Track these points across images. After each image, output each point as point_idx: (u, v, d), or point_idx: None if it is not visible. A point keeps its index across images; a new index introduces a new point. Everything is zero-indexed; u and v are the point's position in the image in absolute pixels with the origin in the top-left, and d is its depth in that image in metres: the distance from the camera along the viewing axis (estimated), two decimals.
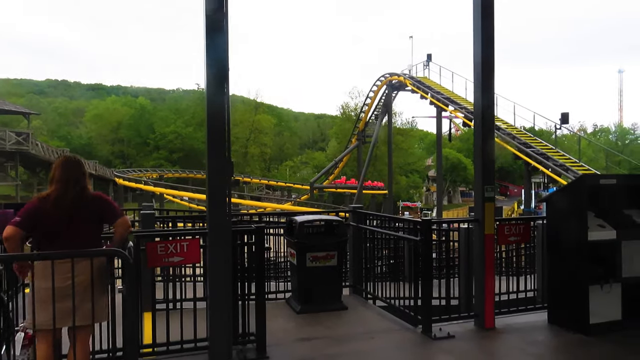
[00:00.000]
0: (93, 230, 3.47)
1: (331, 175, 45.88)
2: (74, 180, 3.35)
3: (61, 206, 3.27)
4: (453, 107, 27.52)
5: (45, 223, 3.25)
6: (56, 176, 3.34)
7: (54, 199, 3.27)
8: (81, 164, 3.50)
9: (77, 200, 3.33)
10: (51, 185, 3.34)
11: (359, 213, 6.61)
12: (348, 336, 4.94)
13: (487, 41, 5.21)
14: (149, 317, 4.28)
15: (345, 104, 59.91)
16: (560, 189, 5.69)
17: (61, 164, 3.41)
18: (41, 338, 3.24)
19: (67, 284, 3.19)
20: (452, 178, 65.78)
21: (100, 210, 3.46)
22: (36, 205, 3.27)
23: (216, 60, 4.01)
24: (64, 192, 3.30)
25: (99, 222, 3.51)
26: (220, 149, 4.05)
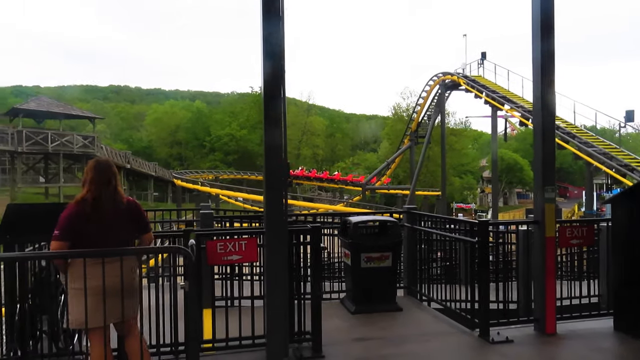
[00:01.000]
0: (129, 233, 3.52)
1: (383, 176, 45.51)
2: (106, 181, 3.38)
3: (99, 207, 3.32)
4: (509, 106, 26.64)
5: (85, 225, 3.29)
6: (89, 178, 3.37)
7: (92, 201, 3.31)
8: (112, 165, 3.54)
9: (112, 201, 3.38)
10: (85, 187, 3.38)
11: (413, 214, 6.54)
12: (403, 337, 4.92)
13: (547, 33, 5.02)
14: (209, 314, 4.42)
15: (397, 104, 59.34)
16: (629, 189, 5.40)
17: (93, 167, 3.44)
18: (94, 335, 3.33)
19: (117, 281, 3.28)
20: (508, 179, 63.58)
21: (138, 217, 3.54)
22: (73, 211, 3.31)
23: (273, 63, 4.09)
24: (99, 193, 3.33)
25: (135, 227, 3.55)
26: (277, 151, 4.13)
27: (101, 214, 3.32)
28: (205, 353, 4.27)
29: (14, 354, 3.90)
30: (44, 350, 3.99)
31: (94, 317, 3.24)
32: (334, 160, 68.00)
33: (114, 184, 3.42)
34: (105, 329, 3.30)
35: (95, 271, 3.22)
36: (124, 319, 3.39)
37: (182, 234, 4.37)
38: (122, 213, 3.44)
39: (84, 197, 3.33)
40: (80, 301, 3.21)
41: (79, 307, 3.23)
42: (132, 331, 3.48)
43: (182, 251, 3.42)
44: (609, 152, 21.34)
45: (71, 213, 3.29)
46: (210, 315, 4.37)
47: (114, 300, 3.29)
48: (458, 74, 33.46)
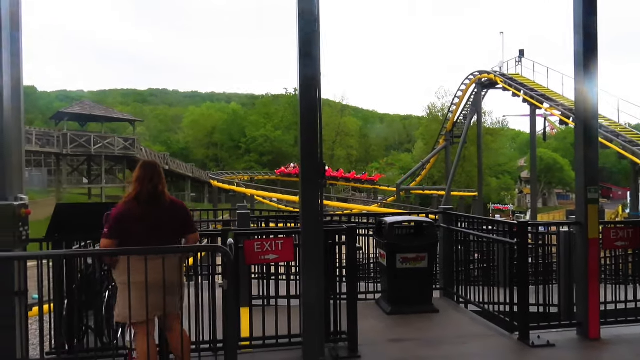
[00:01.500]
0: (174, 232, 3.62)
1: (418, 176, 45.04)
2: (153, 182, 3.51)
3: (146, 206, 3.46)
4: (548, 104, 25.90)
5: (133, 224, 3.43)
6: (137, 179, 3.52)
7: (139, 200, 3.46)
8: (158, 166, 3.67)
9: (158, 201, 3.50)
10: (132, 188, 3.53)
11: (449, 214, 6.47)
12: (440, 339, 4.87)
13: (589, 27, 4.87)
14: (246, 312, 4.50)
15: (432, 104, 58.57)
16: None
17: (141, 168, 3.59)
18: (139, 330, 3.46)
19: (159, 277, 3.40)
20: (548, 180, 61.86)
21: (183, 218, 3.66)
22: (121, 210, 3.45)
23: (309, 64, 4.11)
24: (146, 193, 3.48)
25: (180, 227, 3.64)
26: (313, 151, 4.17)
27: (148, 213, 3.46)
28: (243, 351, 4.34)
29: (62, 348, 4.08)
30: (90, 345, 4.15)
31: (138, 312, 3.37)
32: (367, 161, 67.76)
33: (161, 185, 3.55)
34: (149, 323, 3.42)
35: (140, 267, 3.35)
36: (165, 313, 3.50)
37: (220, 233, 4.45)
38: (168, 213, 3.56)
39: (132, 197, 3.48)
40: (126, 296, 3.36)
41: (124, 301, 3.39)
42: (174, 326, 3.59)
43: (221, 250, 3.50)
44: None
45: (120, 212, 3.44)
46: (247, 314, 4.44)
47: (157, 296, 3.41)
48: (495, 72, 32.78)
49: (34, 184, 33.60)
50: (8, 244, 3.65)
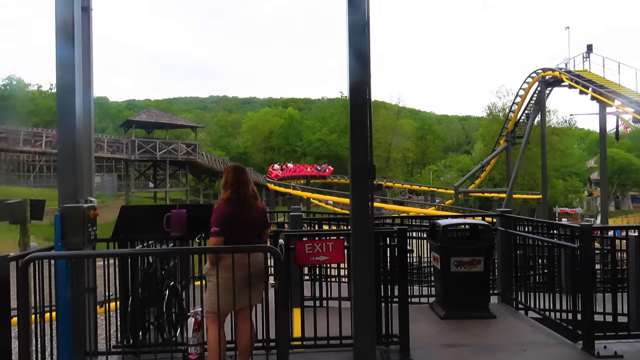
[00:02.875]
0: (261, 229, 3.94)
1: (477, 179, 43.74)
2: (245, 183, 3.83)
3: (242, 206, 3.75)
4: (620, 101, 24.40)
5: (233, 222, 3.71)
6: (230, 180, 3.81)
7: (236, 199, 3.75)
8: (245, 170, 4.01)
9: (253, 200, 3.84)
10: (227, 189, 3.81)
11: (507, 217, 6.23)
12: (497, 346, 4.71)
13: None
14: (298, 313, 4.55)
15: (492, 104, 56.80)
16: None
17: (232, 170, 3.90)
18: (212, 321, 3.66)
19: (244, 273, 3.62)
20: (621, 181, 58.19)
21: (265, 216, 4.03)
22: (225, 209, 3.73)
23: (358, 68, 4.13)
24: (242, 192, 3.78)
25: (263, 224, 3.99)
26: (362, 152, 4.16)
27: (245, 211, 3.77)
28: (294, 350, 4.40)
29: (127, 342, 4.30)
30: (151, 340, 4.35)
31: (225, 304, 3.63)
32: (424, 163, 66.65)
33: (251, 185, 3.90)
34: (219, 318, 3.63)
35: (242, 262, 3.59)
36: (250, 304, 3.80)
37: (272, 234, 4.54)
38: (259, 210, 3.92)
39: (229, 197, 3.78)
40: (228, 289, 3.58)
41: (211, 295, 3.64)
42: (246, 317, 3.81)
43: (273, 251, 3.58)
44: None
45: (223, 212, 3.72)
46: (299, 314, 4.49)
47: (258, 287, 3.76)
48: (560, 70, 31.32)
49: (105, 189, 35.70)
50: (78, 243, 3.92)
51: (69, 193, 4.04)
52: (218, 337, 3.59)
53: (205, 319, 3.75)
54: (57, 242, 3.94)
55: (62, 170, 4.14)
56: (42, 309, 3.81)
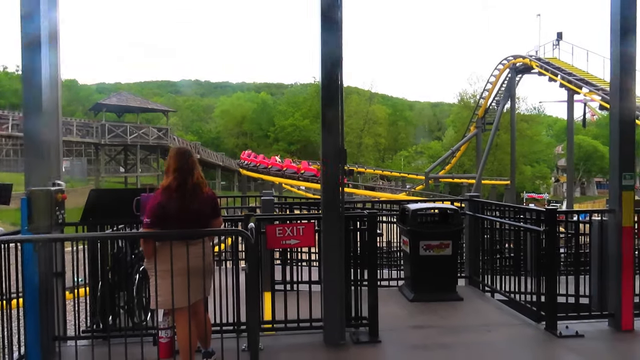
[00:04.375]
0: (208, 219, 3.61)
1: (448, 165, 44.39)
2: (190, 169, 3.50)
3: (184, 194, 3.43)
4: (587, 89, 25.01)
5: (171, 212, 3.39)
6: (173, 165, 3.48)
7: (176, 188, 3.42)
8: (193, 154, 3.66)
9: (197, 187, 3.50)
10: (169, 175, 3.49)
11: (475, 202, 6.37)
12: (463, 327, 4.83)
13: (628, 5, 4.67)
14: (269, 297, 4.56)
15: (463, 90, 57.46)
16: None
17: (176, 154, 3.56)
18: (179, 315, 3.49)
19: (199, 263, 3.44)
20: (587, 168, 59.92)
21: (214, 204, 3.67)
22: (160, 199, 3.41)
23: (329, 51, 4.14)
24: (183, 180, 3.45)
25: (212, 213, 3.66)
26: (333, 138, 4.17)
27: (186, 201, 3.44)
28: (265, 333, 4.42)
29: (96, 327, 4.24)
30: (122, 325, 4.30)
31: (180, 298, 3.38)
32: (396, 149, 67.18)
33: (197, 172, 3.55)
34: (189, 309, 3.45)
35: (180, 253, 3.35)
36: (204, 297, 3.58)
37: (243, 218, 4.51)
38: (204, 200, 3.57)
39: (169, 184, 3.45)
40: (168, 283, 3.32)
41: (167, 288, 3.34)
42: (199, 310, 3.66)
43: (242, 234, 3.53)
44: None
45: (159, 201, 3.41)
46: (270, 298, 4.51)
47: (197, 280, 3.46)
48: (530, 57, 31.83)
49: (74, 173, 34.77)
50: (45, 227, 3.84)
51: (36, 176, 3.94)
52: (188, 333, 3.44)
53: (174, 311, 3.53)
54: (24, 226, 3.85)
55: (28, 153, 4.03)
56: (8, 295, 3.72)
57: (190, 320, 3.45)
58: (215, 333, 3.87)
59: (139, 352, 3.35)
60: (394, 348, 4.27)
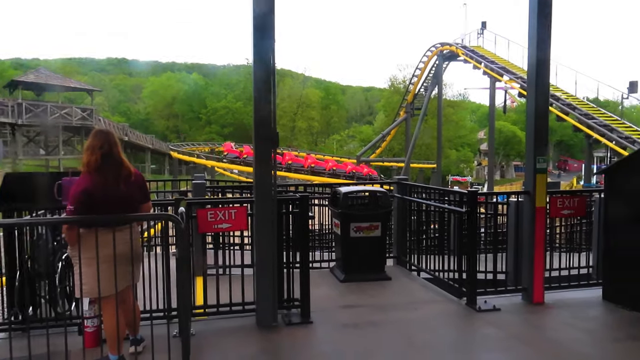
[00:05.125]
0: (138, 202, 3.50)
1: (378, 148, 45.47)
2: (109, 150, 3.34)
3: (107, 177, 3.28)
4: (508, 76, 26.43)
5: (98, 197, 3.23)
6: (92, 148, 3.31)
7: (97, 169, 3.27)
8: (113, 134, 3.49)
9: (120, 169, 3.36)
10: (90, 157, 3.29)
11: (403, 185, 6.58)
12: (391, 305, 5.03)
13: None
14: (201, 281, 4.51)
15: (393, 76, 58.75)
16: (623, 159, 5.40)
17: (95, 136, 3.38)
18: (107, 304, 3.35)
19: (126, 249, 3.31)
20: (506, 152, 63.56)
21: (142, 187, 3.55)
22: (84, 185, 3.24)
23: (263, 32, 4.09)
24: (105, 162, 3.29)
25: (141, 197, 3.54)
26: (266, 121, 4.15)
27: (112, 185, 3.30)
28: (197, 318, 4.37)
29: (15, 318, 4.00)
30: (43, 315, 4.09)
31: (107, 285, 3.23)
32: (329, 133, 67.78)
33: (118, 152, 3.39)
34: (117, 296, 3.30)
35: (107, 240, 3.20)
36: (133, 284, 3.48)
37: (173, 202, 4.40)
38: (132, 183, 3.42)
39: (90, 168, 3.28)
40: (94, 271, 3.17)
41: (93, 276, 3.19)
42: (127, 298, 3.56)
43: (172, 218, 3.44)
44: (610, 125, 21.05)
45: (84, 187, 3.23)
46: (202, 283, 4.45)
47: (125, 267, 3.34)
48: (456, 45, 33.06)
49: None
50: None
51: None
52: (116, 321, 3.29)
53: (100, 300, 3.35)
54: None
55: None
56: None
57: (117, 308, 3.32)
58: (145, 320, 3.79)
59: (63, 343, 3.21)
60: (325, 328, 4.37)
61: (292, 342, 4.09)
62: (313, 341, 4.15)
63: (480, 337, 4.39)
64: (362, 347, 3.99)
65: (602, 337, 4.40)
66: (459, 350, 4.07)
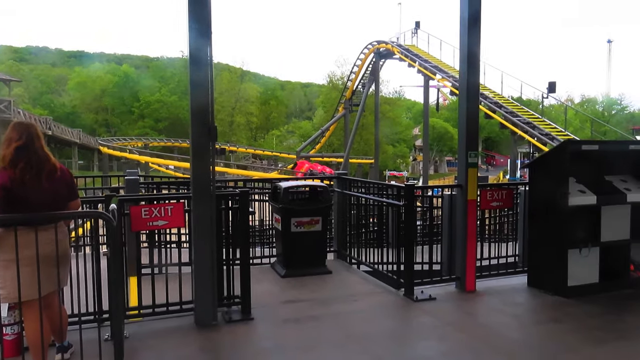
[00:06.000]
0: (63, 199, 3.30)
1: (318, 144, 45.74)
2: (30, 143, 3.15)
3: (27, 172, 3.08)
4: (441, 75, 27.34)
5: (18, 194, 3.05)
6: (11, 141, 3.12)
7: (16, 166, 3.06)
8: (34, 125, 3.30)
9: (42, 164, 3.16)
10: (8, 150, 3.10)
11: (343, 179, 6.64)
12: (332, 298, 5.06)
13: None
14: (135, 281, 4.32)
15: (332, 72, 59.25)
16: (543, 154, 5.75)
17: (14, 129, 3.18)
18: (28, 309, 3.12)
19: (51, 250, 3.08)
20: (439, 148, 66.00)
21: (69, 183, 3.35)
22: (2, 181, 3.03)
23: (199, 24, 3.96)
24: (32, 154, 3.12)
25: (68, 194, 3.34)
26: (203, 114, 4.03)
27: (34, 181, 3.09)
28: (130, 320, 4.18)
29: None
30: None
31: (29, 289, 2.99)
32: (268, 128, 67.37)
33: (40, 146, 3.18)
34: (40, 300, 3.05)
35: (28, 241, 2.97)
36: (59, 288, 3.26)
37: (104, 199, 4.17)
38: (56, 178, 3.21)
39: (8, 163, 3.06)
40: (13, 274, 2.94)
41: (12, 280, 2.97)
42: (52, 302, 3.33)
43: (103, 216, 3.24)
44: (532, 122, 22.41)
45: (2, 183, 3.01)
46: (135, 283, 4.26)
47: (49, 270, 3.10)
48: (392, 43, 33.77)
49: None
50: None
51: None
52: (40, 328, 3.03)
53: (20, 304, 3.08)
54: None
55: None
56: None
57: (41, 313, 3.07)
58: (73, 325, 3.56)
59: None
60: (266, 324, 4.33)
61: (232, 340, 4.01)
62: (254, 338, 4.09)
63: (417, 326, 4.52)
64: (303, 341, 3.99)
65: (528, 321, 4.67)
66: (396, 340, 4.16)
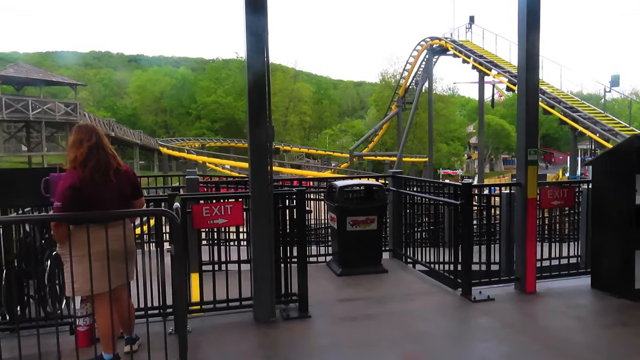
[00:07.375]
0: (128, 197, 3.45)
1: (371, 143, 45.52)
2: (96, 144, 3.29)
3: (96, 172, 3.23)
4: (496, 71, 26.52)
5: (87, 193, 3.19)
6: (77, 143, 3.26)
7: (86, 166, 3.21)
8: (97, 127, 3.44)
9: (108, 164, 3.30)
10: (76, 151, 3.25)
11: (398, 178, 6.59)
12: (388, 297, 5.04)
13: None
14: (196, 277, 4.47)
15: (384, 70, 58.79)
16: (608, 151, 5.48)
17: (78, 131, 3.32)
18: (100, 302, 3.30)
19: (119, 245, 3.27)
20: (495, 145, 63.96)
21: (133, 182, 3.50)
22: (71, 181, 3.18)
23: (256, 27, 4.04)
24: (92, 157, 3.24)
25: (132, 192, 3.50)
26: (261, 115, 4.12)
27: (101, 181, 3.25)
28: (193, 315, 4.34)
29: (2, 319, 3.93)
30: (32, 315, 4.02)
31: (100, 283, 3.16)
32: (321, 128, 67.71)
33: (105, 146, 3.34)
34: (110, 294, 3.23)
35: (100, 236, 3.13)
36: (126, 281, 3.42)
37: (167, 198, 4.35)
38: (123, 178, 3.38)
39: (77, 163, 3.22)
40: (85, 268, 3.10)
41: (84, 274, 3.13)
42: (121, 296, 3.51)
43: (167, 214, 3.37)
44: (593, 117, 21.38)
45: (71, 183, 3.16)
46: (197, 279, 4.42)
47: (118, 264, 3.28)
48: (446, 39, 33.08)
49: None
50: None
51: None
52: (110, 320, 3.20)
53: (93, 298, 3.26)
54: None
55: None
56: None
57: (111, 307, 3.24)
58: (140, 318, 3.74)
59: (54, 343, 3.14)
60: (323, 321, 4.37)
61: (290, 337, 4.08)
62: (311, 335, 4.14)
63: (475, 327, 4.42)
64: (359, 339, 3.99)
65: (592, 324, 4.47)
66: (454, 340, 4.08)
